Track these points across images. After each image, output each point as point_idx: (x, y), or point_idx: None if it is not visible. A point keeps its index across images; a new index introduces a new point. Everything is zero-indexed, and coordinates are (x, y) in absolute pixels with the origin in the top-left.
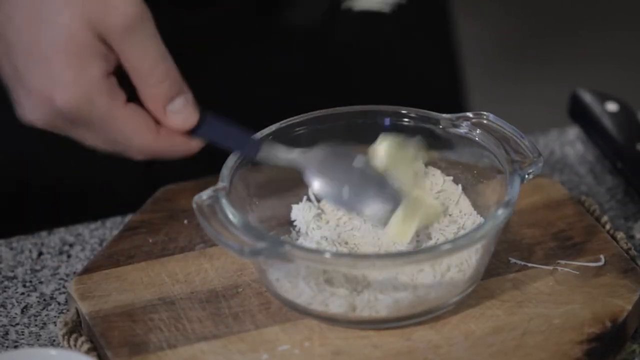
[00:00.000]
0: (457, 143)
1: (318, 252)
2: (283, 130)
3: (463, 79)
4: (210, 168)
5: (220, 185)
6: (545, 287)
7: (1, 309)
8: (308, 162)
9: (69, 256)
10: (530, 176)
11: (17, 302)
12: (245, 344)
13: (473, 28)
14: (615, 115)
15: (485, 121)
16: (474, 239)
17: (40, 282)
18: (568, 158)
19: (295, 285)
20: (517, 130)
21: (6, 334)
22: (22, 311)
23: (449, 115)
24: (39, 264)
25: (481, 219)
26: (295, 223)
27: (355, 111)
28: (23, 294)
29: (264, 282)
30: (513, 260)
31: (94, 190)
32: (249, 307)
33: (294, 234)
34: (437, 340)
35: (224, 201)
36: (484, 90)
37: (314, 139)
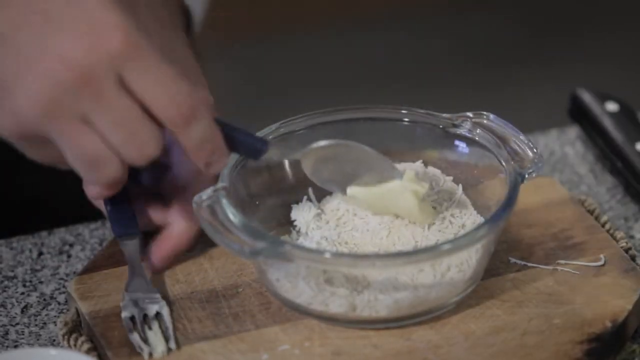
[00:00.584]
0: (457, 143)
1: (318, 252)
2: (283, 129)
3: None
4: None
5: (220, 185)
6: (545, 287)
7: (1, 309)
8: (307, 155)
9: (69, 256)
10: (530, 176)
11: (17, 302)
12: (245, 344)
13: (473, 28)
14: (615, 115)
15: (485, 121)
16: (474, 239)
17: (41, 282)
18: (568, 158)
19: (295, 285)
20: (517, 130)
21: (6, 333)
22: (22, 311)
23: (449, 115)
24: (39, 264)
25: (481, 219)
26: (295, 223)
27: (355, 110)
28: (23, 293)
29: (264, 282)
30: (513, 260)
31: None
32: (249, 307)
33: (294, 234)
34: (437, 340)
35: (224, 201)
36: (484, 90)
37: (314, 139)
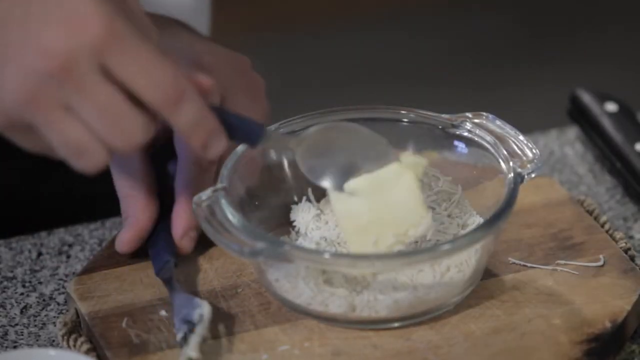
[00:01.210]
0: (457, 143)
1: (317, 253)
2: (283, 130)
3: None
4: None
5: (220, 185)
6: (545, 288)
7: (0, 310)
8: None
9: (69, 256)
10: (529, 176)
11: (17, 303)
12: (245, 344)
13: (473, 28)
14: (615, 115)
15: (484, 121)
16: (474, 239)
17: (40, 283)
18: (567, 158)
19: (294, 285)
20: (517, 130)
21: (5, 334)
22: (22, 311)
23: (449, 116)
24: (39, 264)
25: (481, 219)
26: (294, 223)
27: (355, 110)
28: (22, 294)
29: (263, 283)
30: (513, 260)
31: (93, 191)
32: (248, 308)
33: (293, 234)
34: (437, 341)
35: (224, 201)
36: (484, 90)
37: None
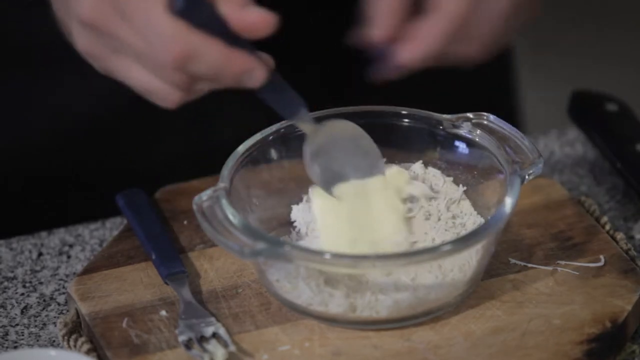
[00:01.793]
0: (457, 144)
1: (318, 253)
2: (283, 130)
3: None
4: (210, 168)
5: (220, 185)
6: (545, 288)
7: (1, 310)
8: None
9: (69, 257)
10: (530, 177)
11: (17, 303)
12: (246, 344)
13: None
14: (615, 115)
15: (485, 122)
16: (474, 239)
17: (40, 283)
18: (568, 158)
19: (295, 285)
20: (517, 130)
21: (6, 334)
22: (22, 312)
23: (449, 116)
24: (39, 265)
25: (481, 220)
26: (295, 224)
27: (356, 111)
28: (23, 294)
29: (263, 283)
30: (513, 260)
31: (93, 191)
32: (248, 308)
33: (293, 234)
34: (437, 341)
35: (224, 202)
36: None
37: None
